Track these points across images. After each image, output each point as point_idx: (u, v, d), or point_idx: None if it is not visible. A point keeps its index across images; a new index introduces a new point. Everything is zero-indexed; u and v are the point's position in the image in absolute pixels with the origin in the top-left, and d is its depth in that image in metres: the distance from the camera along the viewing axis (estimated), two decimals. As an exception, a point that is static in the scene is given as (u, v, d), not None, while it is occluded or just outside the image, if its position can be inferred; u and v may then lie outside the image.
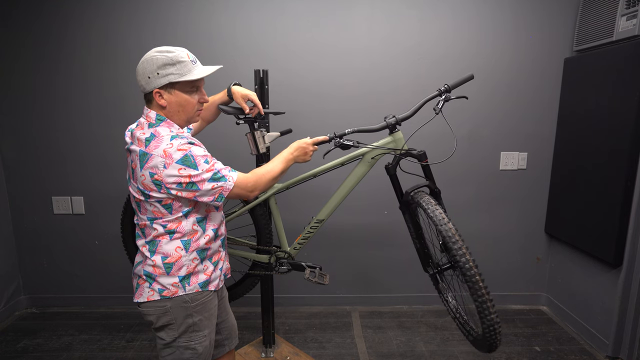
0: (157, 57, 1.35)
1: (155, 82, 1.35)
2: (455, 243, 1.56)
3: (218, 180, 1.37)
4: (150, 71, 1.35)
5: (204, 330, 1.51)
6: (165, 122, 1.40)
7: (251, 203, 2.06)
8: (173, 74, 1.36)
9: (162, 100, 1.39)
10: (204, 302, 1.50)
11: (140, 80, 1.38)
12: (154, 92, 1.37)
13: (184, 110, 1.43)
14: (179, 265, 1.43)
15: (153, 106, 1.41)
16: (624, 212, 2.27)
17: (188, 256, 1.44)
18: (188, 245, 1.44)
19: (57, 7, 2.67)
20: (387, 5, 2.70)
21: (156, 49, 1.38)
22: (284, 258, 2.13)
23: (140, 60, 1.37)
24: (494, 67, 2.78)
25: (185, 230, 1.43)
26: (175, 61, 1.36)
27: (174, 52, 1.38)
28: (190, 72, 1.38)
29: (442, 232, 1.60)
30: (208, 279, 1.51)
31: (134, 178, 1.38)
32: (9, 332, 2.74)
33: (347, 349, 2.58)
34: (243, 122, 1.93)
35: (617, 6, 2.31)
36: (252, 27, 2.71)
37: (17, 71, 2.75)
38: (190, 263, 1.45)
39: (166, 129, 1.39)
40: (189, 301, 1.46)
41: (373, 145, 1.93)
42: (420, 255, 1.99)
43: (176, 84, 1.38)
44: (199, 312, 1.49)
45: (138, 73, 1.38)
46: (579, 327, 2.70)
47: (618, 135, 2.27)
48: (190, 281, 1.46)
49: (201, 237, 1.47)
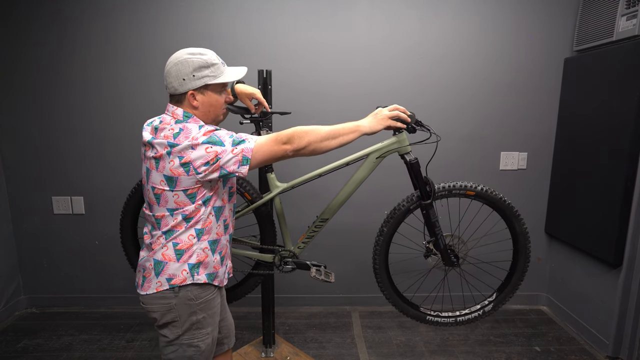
0: (192, 60, 1.38)
1: (190, 84, 1.38)
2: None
3: (239, 144, 1.36)
4: (186, 73, 1.37)
5: (207, 327, 1.52)
6: (192, 119, 1.42)
7: (255, 203, 2.06)
8: (208, 76, 1.40)
9: (195, 101, 1.42)
10: (208, 300, 1.50)
11: (172, 82, 1.39)
12: (188, 93, 1.40)
13: (214, 110, 1.47)
14: (189, 253, 1.44)
15: (184, 106, 1.43)
16: (624, 212, 2.27)
17: (199, 244, 1.45)
18: (201, 234, 1.45)
19: (57, 7, 2.66)
20: (387, 5, 2.71)
21: (186, 51, 1.40)
22: (288, 257, 2.14)
23: (171, 62, 1.39)
24: (494, 67, 2.79)
25: (202, 218, 1.43)
26: (210, 63, 1.40)
27: (207, 54, 1.42)
28: (223, 74, 1.45)
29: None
30: (215, 273, 1.52)
31: (158, 169, 1.37)
32: (9, 332, 2.74)
33: (347, 349, 2.58)
34: (248, 122, 1.94)
35: (617, 6, 2.32)
36: (253, 27, 2.72)
37: (17, 71, 2.74)
38: (201, 252, 1.46)
39: (194, 124, 1.40)
40: (194, 299, 1.46)
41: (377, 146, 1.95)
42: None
43: (210, 86, 1.42)
44: (203, 310, 1.49)
45: (170, 75, 1.39)
46: (579, 327, 2.71)
47: (618, 135, 2.28)
48: (199, 271, 1.46)
49: (214, 227, 1.48)
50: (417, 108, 2.74)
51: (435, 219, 1.98)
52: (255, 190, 2.10)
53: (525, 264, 2.09)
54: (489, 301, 2.17)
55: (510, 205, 2.01)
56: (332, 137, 1.47)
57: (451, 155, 2.87)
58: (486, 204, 2.04)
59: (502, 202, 1.99)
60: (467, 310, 2.19)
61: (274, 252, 2.14)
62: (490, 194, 1.98)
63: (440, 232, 2.00)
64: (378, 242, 2.06)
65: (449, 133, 2.81)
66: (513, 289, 2.14)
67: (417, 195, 1.97)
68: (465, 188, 1.98)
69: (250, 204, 2.08)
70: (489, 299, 2.18)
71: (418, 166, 1.92)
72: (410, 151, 1.93)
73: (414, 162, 1.91)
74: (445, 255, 2.03)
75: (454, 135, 2.85)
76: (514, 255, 2.13)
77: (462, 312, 2.19)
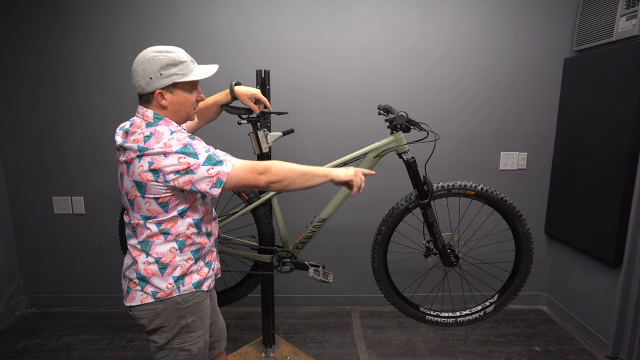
0: (159, 58, 1.34)
1: (157, 82, 1.35)
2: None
3: (215, 165, 1.33)
4: (152, 72, 1.34)
5: (197, 331, 1.50)
6: (163, 121, 1.39)
7: (253, 203, 2.06)
8: (176, 74, 1.36)
9: (164, 101, 1.38)
10: (197, 302, 1.48)
11: (139, 80, 1.35)
12: (155, 92, 1.36)
13: (184, 109, 1.43)
14: (173, 266, 1.41)
15: (152, 106, 1.39)
16: (623, 211, 2.27)
17: (182, 256, 1.43)
18: (183, 246, 1.43)
19: (57, 7, 2.67)
20: (387, 5, 2.71)
21: (154, 49, 1.36)
22: (286, 257, 2.13)
23: (138, 61, 1.36)
24: (494, 67, 2.79)
25: (180, 231, 1.41)
26: (178, 61, 1.36)
27: (175, 52, 1.38)
28: (192, 72, 1.40)
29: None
30: (202, 279, 1.49)
31: (128, 173, 1.35)
32: (9, 332, 2.74)
33: (347, 349, 2.58)
34: (245, 122, 1.94)
35: (617, 6, 2.31)
36: (252, 27, 2.72)
37: (18, 71, 2.74)
38: (185, 263, 1.44)
39: (165, 127, 1.37)
40: (181, 302, 1.44)
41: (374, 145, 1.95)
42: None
43: (178, 84, 1.38)
44: (192, 313, 1.47)
45: (137, 73, 1.35)
46: (579, 327, 2.70)
47: (618, 135, 2.27)
48: (184, 281, 1.44)
49: (195, 238, 1.46)
50: (417, 108, 2.76)
51: (433, 218, 1.98)
52: (253, 190, 2.10)
53: (528, 266, 2.09)
54: (490, 302, 2.17)
55: (511, 205, 2.00)
56: (305, 177, 1.45)
57: (451, 155, 2.87)
58: (487, 204, 2.04)
59: (503, 202, 1.99)
60: (468, 311, 2.19)
61: (272, 252, 2.14)
62: (490, 194, 1.97)
63: (439, 232, 2.00)
64: (376, 241, 2.06)
65: (449, 133, 2.81)
66: (515, 291, 2.14)
67: (415, 194, 1.97)
68: (465, 187, 1.98)
69: (248, 205, 2.08)
70: (491, 300, 2.18)
71: (415, 165, 1.92)
72: (408, 150, 1.94)
73: (411, 161, 1.92)
74: (444, 255, 2.03)
75: (454, 135, 2.85)
76: (516, 257, 2.12)
77: (462, 312, 2.18)
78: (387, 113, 1.95)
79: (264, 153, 1.99)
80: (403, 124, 1.85)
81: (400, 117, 1.83)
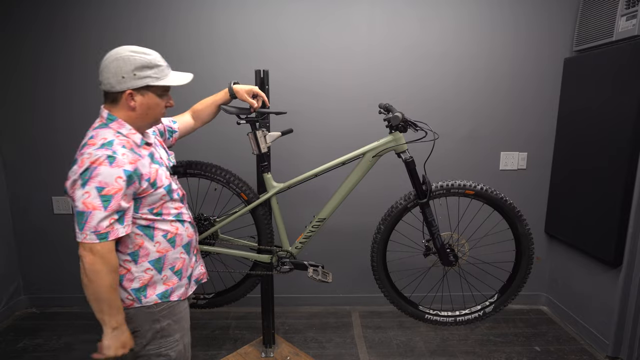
0: (135, 58, 1.31)
1: (130, 82, 1.30)
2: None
3: (80, 221, 1.23)
4: (126, 71, 1.29)
5: (174, 334, 1.45)
6: (115, 122, 1.33)
7: (252, 203, 2.06)
8: (151, 77, 1.33)
9: (133, 102, 1.33)
10: (171, 305, 1.43)
11: (109, 78, 1.30)
12: (126, 92, 1.31)
13: (152, 113, 1.39)
14: (129, 278, 1.36)
15: (119, 107, 1.34)
16: (624, 212, 2.27)
17: (138, 268, 1.37)
18: (137, 257, 1.36)
19: (57, 7, 2.66)
20: (387, 5, 2.70)
21: (129, 49, 1.33)
22: (285, 257, 2.13)
23: (110, 57, 1.31)
24: (494, 67, 2.79)
25: (127, 242, 1.34)
26: (154, 64, 1.34)
27: (151, 55, 1.36)
28: (167, 77, 1.38)
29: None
30: (169, 289, 1.43)
31: None
32: (9, 332, 2.74)
33: (347, 349, 2.58)
34: (244, 122, 1.94)
35: (617, 6, 2.31)
36: (252, 27, 2.71)
37: (18, 71, 2.74)
38: (143, 274, 1.37)
39: (110, 131, 1.31)
40: (154, 306, 1.38)
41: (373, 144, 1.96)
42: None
43: (151, 87, 1.35)
44: (167, 317, 1.42)
45: (108, 70, 1.30)
46: (579, 327, 2.70)
47: (618, 135, 2.27)
48: (146, 293, 1.38)
49: (150, 247, 1.38)
50: (417, 108, 2.76)
51: (432, 218, 1.98)
52: (252, 190, 2.10)
53: (528, 266, 2.09)
54: (490, 302, 2.17)
55: (512, 205, 2.00)
56: (97, 294, 1.27)
57: (451, 155, 2.87)
58: (487, 204, 2.03)
59: (503, 201, 1.98)
60: (467, 311, 2.19)
61: (271, 252, 2.14)
62: (490, 194, 1.97)
63: (437, 232, 2.00)
64: (375, 240, 2.06)
65: (449, 133, 2.81)
66: (515, 291, 2.14)
67: (414, 193, 1.97)
68: (464, 187, 1.98)
69: (247, 205, 2.08)
70: (491, 300, 2.18)
71: (413, 165, 1.92)
72: (407, 149, 1.94)
73: (409, 160, 1.92)
74: (442, 254, 2.03)
75: (453, 135, 2.85)
76: (516, 257, 2.12)
77: (462, 312, 2.19)
78: (388, 112, 1.95)
79: (262, 153, 1.99)
80: (399, 124, 1.86)
81: (395, 118, 1.83)
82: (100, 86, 1.33)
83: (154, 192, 1.36)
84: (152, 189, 1.35)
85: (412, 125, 1.87)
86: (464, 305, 2.27)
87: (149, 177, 1.34)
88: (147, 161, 1.36)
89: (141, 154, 1.35)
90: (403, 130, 1.89)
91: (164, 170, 1.43)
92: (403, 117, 1.84)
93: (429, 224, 1.99)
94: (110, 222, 1.23)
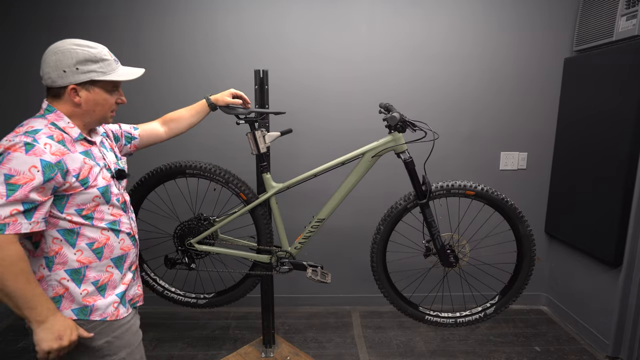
0: (77, 51, 1.22)
1: (72, 77, 1.22)
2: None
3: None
4: (68, 65, 1.21)
5: (118, 352, 1.31)
6: (53, 114, 1.25)
7: (252, 203, 2.06)
8: (95, 71, 1.25)
9: (78, 98, 1.25)
10: (105, 323, 1.29)
11: (49, 72, 1.22)
12: (68, 87, 1.23)
13: (100, 110, 1.31)
14: (43, 285, 1.22)
15: (62, 102, 1.26)
16: (624, 212, 2.27)
17: (52, 275, 1.23)
18: (51, 263, 1.23)
19: (56, 6, 2.66)
20: (387, 6, 2.70)
21: (72, 42, 1.25)
22: (285, 258, 2.13)
23: (51, 51, 1.24)
24: (494, 67, 2.78)
25: (44, 245, 1.22)
26: (99, 58, 1.26)
27: (96, 48, 1.27)
28: (115, 72, 1.30)
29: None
30: (90, 306, 1.27)
31: None
32: (9, 332, 2.74)
33: (347, 349, 2.58)
34: (243, 122, 1.94)
35: (617, 6, 2.31)
36: (252, 27, 2.71)
37: (18, 71, 2.74)
38: (57, 284, 1.23)
39: (43, 121, 1.22)
40: (84, 324, 1.25)
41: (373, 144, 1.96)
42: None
43: (97, 82, 1.27)
44: (102, 334, 1.28)
45: (47, 64, 1.22)
46: (579, 327, 2.70)
47: (618, 135, 2.27)
48: (60, 305, 1.23)
49: (69, 253, 1.24)
50: (417, 108, 2.76)
51: (432, 218, 1.98)
52: (251, 190, 2.11)
53: (529, 268, 2.08)
54: (490, 304, 2.17)
55: (513, 206, 1.99)
56: (4, 289, 1.11)
57: (451, 155, 2.87)
58: (487, 205, 2.03)
59: (504, 202, 1.98)
60: (468, 312, 2.18)
61: (270, 252, 2.14)
62: (491, 194, 1.97)
63: (437, 233, 2.00)
64: (375, 241, 2.06)
65: (448, 133, 2.81)
66: (516, 293, 2.13)
67: (414, 194, 1.97)
68: (465, 188, 1.97)
69: (246, 205, 2.08)
70: (492, 301, 2.17)
71: (413, 165, 1.92)
72: (406, 150, 1.94)
73: (408, 160, 1.92)
74: (442, 255, 2.03)
75: (453, 135, 2.85)
76: (517, 258, 2.11)
77: (462, 313, 2.18)
78: (388, 112, 1.95)
79: (261, 153, 1.99)
80: (397, 124, 1.85)
81: (393, 118, 1.83)
82: (42, 81, 1.25)
83: (83, 190, 1.23)
84: (81, 187, 1.22)
85: (410, 125, 1.87)
86: (465, 306, 2.27)
87: (78, 173, 1.21)
88: (79, 157, 1.23)
89: (72, 148, 1.23)
90: (402, 130, 1.89)
91: (102, 171, 1.30)
92: (401, 117, 1.84)
93: (429, 225, 1.99)
94: (12, 212, 1.09)
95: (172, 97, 2.72)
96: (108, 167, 1.35)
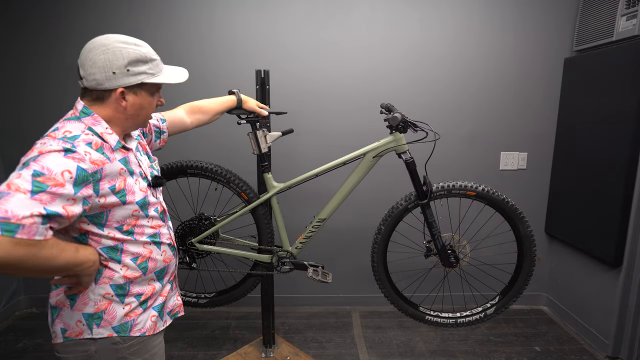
0: (128, 50, 1.10)
1: (122, 80, 1.10)
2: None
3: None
4: (118, 66, 1.09)
5: None
6: (90, 117, 1.11)
7: (253, 203, 2.06)
8: (146, 72, 1.14)
9: (124, 102, 1.13)
10: (142, 340, 1.22)
11: (95, 73, 1.09)
12: (117, 91, 1.11)
13: (144, 114, 1.20)
14: (83, 300, 1.15)
15: (104, 105, 1.13)
16: (624, 212, 2.27)
17: (97, 289, 1.15)
18: (99, 275, 1.15)
19: (56, 6, 2.66)
20: (387, 6, 2.70)
21: (117, 39, 1.11)
22: (286, 257, 2.13)
23: (97, 49, 1.09)
24: (494, 67, 2.79)
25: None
26: (148, 58, 1.14)
27: (144, 46, 1.15)
28: (162, 73, 1.20)
29: None
30: (129, 322, 1.19)
31: None
32: (9, 332, 2.74)
33: (347, 349, 2.58)
34: (245, 122, 1.94)
35: (617, 6, 2.31)
36: (252, 27, 2.71)
37: (17, 71, 2.74)
38: (101, 299, 1.15)
39: (80, 125, 1.09)
40: (120, 342, 1.17)
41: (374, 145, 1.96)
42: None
43: (145, 85, 1.16)
44: (136, 354, 1.21)
45: (94, 64, 1.08)
46: (579, 327, 2.70)
47: (618, 135, 2.27)
48: (100, 322, 1.15)
49: (115, 268, 1.16)
50: (417, 108, 2.76)
51: (432, 219, 1.98)
52: (252, 190, 2.11)
53: (530, 268, 2.08)
54: (491, 304, 2.17)
55: (513, 206, 2.00)
56: (35, 274, 1.07)
57: (451, 155, 2.87)
58: (488, 205, 2.03)
59: (504, 203, 1.98)
60: (468, 312, 2.19)
61: (271, 252, 2.14)
62: (492, 195, 1.97)
63: (438, 233, 2.00)
64: (376, 241, 2.06)
65: (449, 133, 2.81)
66: (517, 293, 2.13)
67: (415, 194, 1.97)
68: (466, 188, 1.97)
69: (248, 205, 2.08)
70: (492, 301, 2.18)
71: (414, 165, 1.92)
72: (407, 150, 1.94)
73: (410, 161, 1.92)
74: (443, 255, 2.03)
75: (454, 135, 2.85)
76: (518, 259, 2.12)
77: (462, 313, 2.19)
78: (389, 112, 1.95)
79: (263, 153, 1.99)
80: (398, 124, 1.86)
81: (394, 118, 1.83)
82: (82, 82, 1.12)
83: (122, 206, 1.13)
84: (119, 202, 1.12)
85: (412, 126, 1.87)
86: (465, 306, 2.27)
87: (114, 184, 1.10)
88: (117, 165, 1.12)
89: (111, 156, 1.12)
90: (403, 130, 1.89)
91: (139, 181, 1.20)
92: (402, 117, 1.84)
93: (429, 225, 1.99)
94: (32, 214, 0.92)
95: (172, 97, 2.70)
96: (144, 176, 1.24)
